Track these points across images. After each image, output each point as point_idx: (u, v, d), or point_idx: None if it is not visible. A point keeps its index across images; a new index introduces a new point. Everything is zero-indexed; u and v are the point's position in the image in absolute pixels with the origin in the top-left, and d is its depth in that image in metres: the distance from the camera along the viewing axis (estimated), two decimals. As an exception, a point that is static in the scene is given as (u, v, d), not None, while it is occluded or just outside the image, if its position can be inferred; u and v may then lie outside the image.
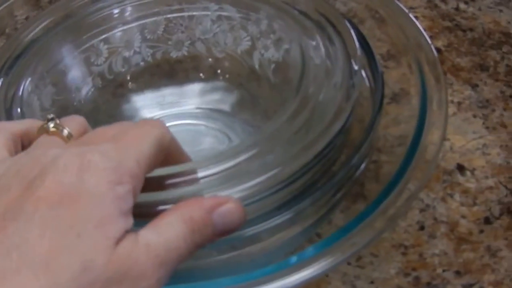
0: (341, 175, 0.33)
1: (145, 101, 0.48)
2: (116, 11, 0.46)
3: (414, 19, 0.42)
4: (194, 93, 0.49)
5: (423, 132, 0.35)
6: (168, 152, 0.27)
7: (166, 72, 0.49)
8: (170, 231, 0.24)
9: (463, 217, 0.43)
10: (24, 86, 0.41)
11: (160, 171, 0.29)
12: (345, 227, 0.31)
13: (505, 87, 0.52)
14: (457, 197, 0.44)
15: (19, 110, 0.39)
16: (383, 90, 0.38)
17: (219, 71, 0.49)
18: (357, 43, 0.39)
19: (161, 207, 0.29)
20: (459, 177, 0.45)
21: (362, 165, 0.35)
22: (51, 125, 0.27)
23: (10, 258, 0.21)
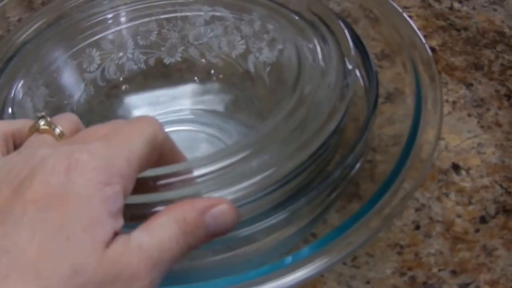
0: (336, 175, 0.33)
1: (139, 102, 0.48)
2: (110, 16, 0.46)
3: (408, 18, 0.42)
4: (188, 94, 0.49)
5: (418, 132, 0.35)
6: (162, 151, 0.27)
7: (160, 74, 0.49)
8: (162, 233, 0.24)
9: (458, 216, 0.43)
10: (16, 87, 0.40)
11: (153, 171, 0.28)
12: (340, 227, 0.30)
13: (499, 86, 0.52)
14: (452, 196, 0.44)
15: (10, 111, 0.39)
16: (377, 90, 0.38)
17: (212, 71, 0.48)
18: (351, 43, 0.39)
19: (154, 208, 0.28)
20: (454, 176, 0.45)
21: (357, 165, 0.35)
22: (41, 123, 0.27)
23: None
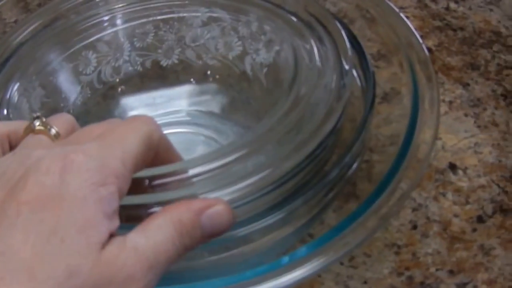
0: (333, 175, 0.33)
1: (135, 103, 0.48)
2: (106, 18, 0.46)
3: (405, 18, 0.42)
4: (184, 95, 0.49)
5: (415, 131, 0.35)
6: (158, 150, 0.26)
7: (157, 75, 0.49)
8: (158, 234, 0.24)
9: (455, 216, 0.43)
10: (12, 89, 0.40)
11: (149, 171, 0.28)
12: (337, 227, 0.30)
13: (496, 86, 0.52)
14: (449, 196, 0.44)
15: (5, 112, 0.39)
16: (374, 90, 0.38)
17: (209, 72, 0.48)
18: (347, 43, 0.39)
19: (150, 209, 0.28)
20: (451, 176, 0.45)
21: (354, 165, 0.35)
22: (37, 123, 0.27)
23: None
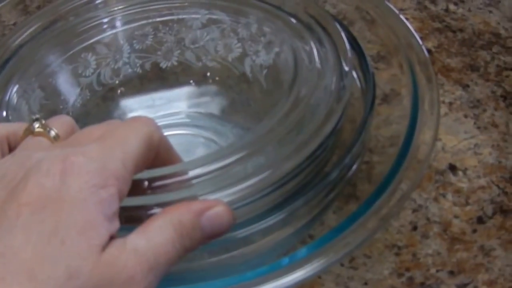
0: (333, 175, 0.33)
1: (135, 105, 0.48)
2: (105, 20, 0.46)
3: (405, 20, 0.42)
4: (184, 97, 0.49)
5: (415, 132, 0.35)
6: (158, 151, 0.26)
7: (156, 77, 0.49)
8: (158, 236, 0.24)
9: (456, 217, 0.43)
10: (12, 91, 0.40)
11: (149, 173, 0.28)
12: (337, 228, 0.30)
13: (495, 87, 0.52)
14: (449, 197, 0.44)
15: (5, 114, 0.39)
16: (374, 91, 0.38)
17: (208, 74, 0.48)
18: (347, 45, 0.39)
19: (150, 211, 0.28)
20: (451, 177, 0.45)
21: (354, 166, 0.35)
22: (36, 125, 0.27)
23: None
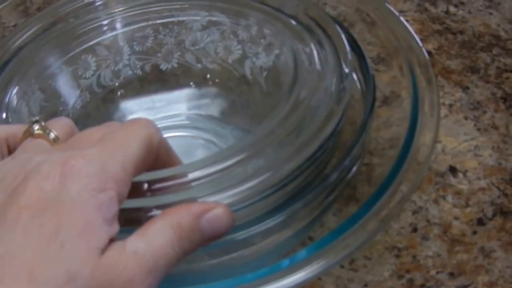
0: (333, 177, 0.33)
1: (135, 107, 0.48)
2: (105, 21, 0.46)
3: (405, 22, 0.42)
4: (184, 98, 0.49)
5: (415, 134, 0.35)
6: (158, 153, 0.26)
7: (156, 79, 0.49)
8: (158, 238, 0.24)
9: (456, 218, 0.43)
10: (11, 93, 0.40)
11: (149, 175, 0.28)
12: (337, 230, 0.30)
13: (495, 89, 0.52)
14: (449, 198, 0.44)
15: (4, 116, 0.39)
16: (374, 93, 0.38)
17: (208, 76, 0.48)
18: (347, 46, 0.39)
19: (149, 213, 0.28)
20: (451, 179, 0.45)
21: (354, 168, 0.35)
22: (35, 127, 0.27)
23: None
